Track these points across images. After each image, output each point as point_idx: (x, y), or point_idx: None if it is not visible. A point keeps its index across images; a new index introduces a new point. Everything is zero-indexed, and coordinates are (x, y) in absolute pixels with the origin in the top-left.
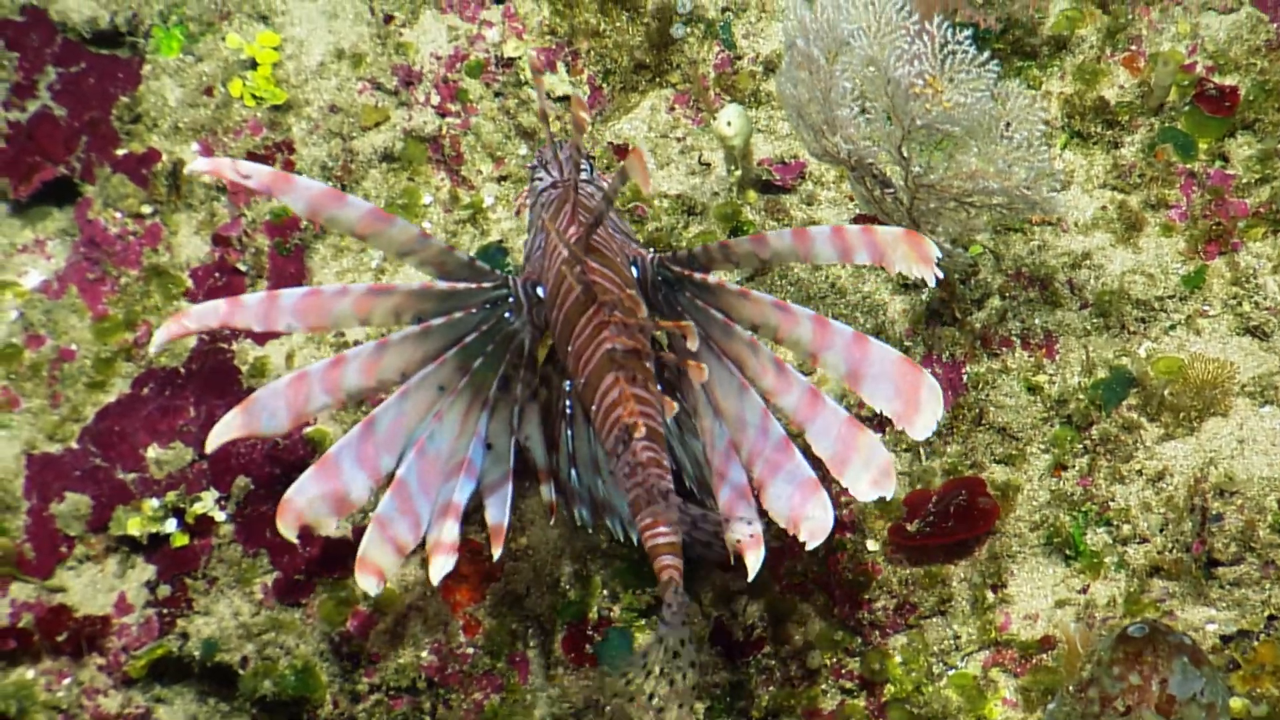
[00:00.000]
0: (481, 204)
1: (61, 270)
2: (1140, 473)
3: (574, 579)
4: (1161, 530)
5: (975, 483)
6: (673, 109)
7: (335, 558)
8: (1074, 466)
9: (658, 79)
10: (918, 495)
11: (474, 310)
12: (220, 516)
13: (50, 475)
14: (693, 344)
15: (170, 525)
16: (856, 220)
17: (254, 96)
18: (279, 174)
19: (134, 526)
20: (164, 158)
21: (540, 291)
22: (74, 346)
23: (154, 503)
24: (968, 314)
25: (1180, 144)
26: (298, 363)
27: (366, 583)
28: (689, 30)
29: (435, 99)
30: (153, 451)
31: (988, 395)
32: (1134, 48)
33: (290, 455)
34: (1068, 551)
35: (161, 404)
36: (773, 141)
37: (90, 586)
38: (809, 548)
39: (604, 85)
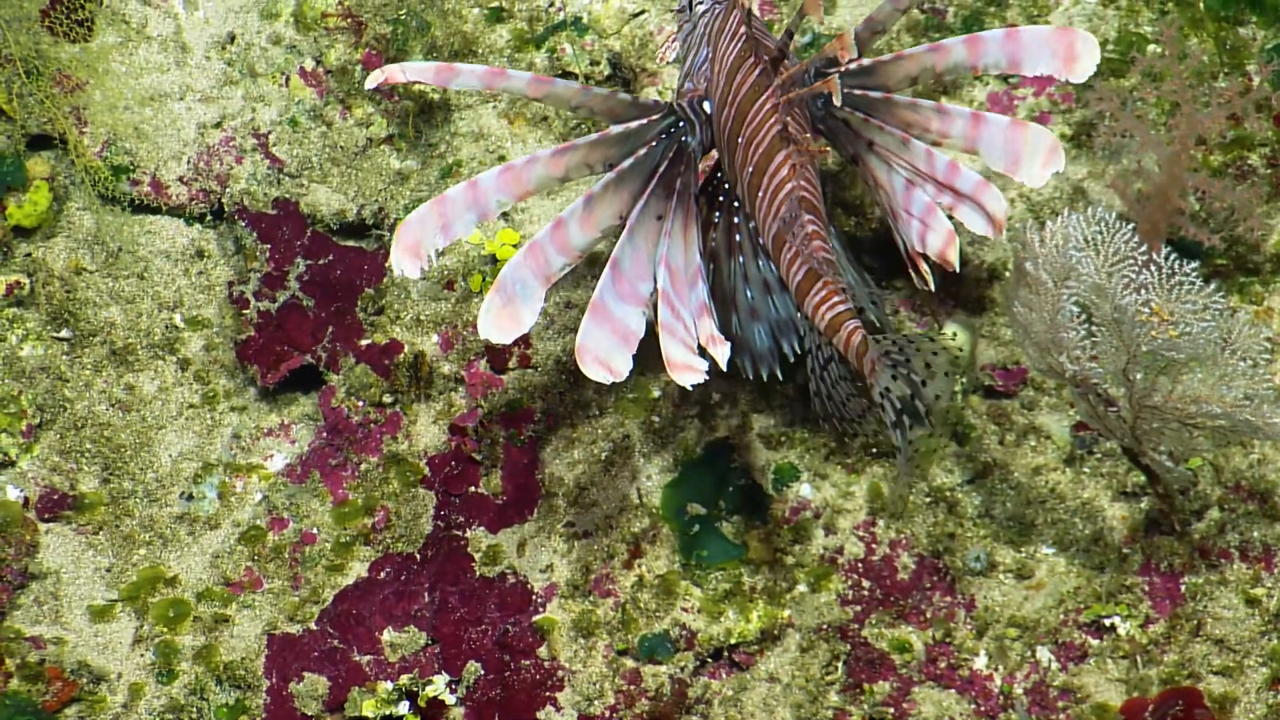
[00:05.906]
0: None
1: (305, 455)
2: None
3: None
4: None
5: (1192, 694)
6: (896, 311)
7: None
8: None
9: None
10: (1135, 703)
11: (654, 143)
12: (450, 700)
13: (290, 655)
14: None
15: (403, 708)
16: (1077, 428)
17: None
18: (444, 66)
19: (368, 708)
20: (405, 349)
21: (707, 106)
22: (315, 530)
23: (388, 685)
24: (1187, 525)
25: None
26: None
27: (684, 378)
28: None
29: None
30: (388, 635)
31: (1205, 606)
32: None
33: (519, 642)
34: None
35: (397, 588)
36: (995, 347)
37: None
38: (992, 236)
39: None
